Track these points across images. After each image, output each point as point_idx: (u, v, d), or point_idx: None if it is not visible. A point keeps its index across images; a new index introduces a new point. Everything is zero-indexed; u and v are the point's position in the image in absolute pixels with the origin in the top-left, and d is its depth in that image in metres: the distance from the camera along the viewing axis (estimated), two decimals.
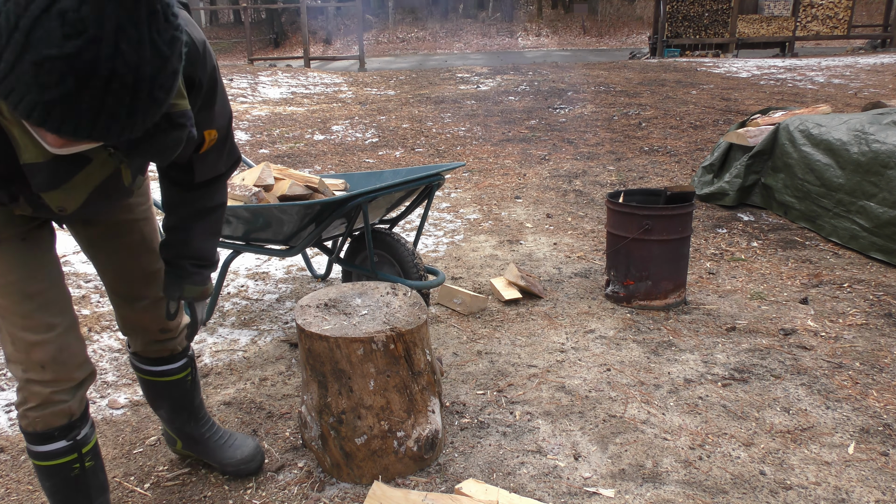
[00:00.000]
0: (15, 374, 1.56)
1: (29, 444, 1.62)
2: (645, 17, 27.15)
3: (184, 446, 2.14)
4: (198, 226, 1.74)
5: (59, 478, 1.65)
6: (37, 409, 1.56)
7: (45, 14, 0.86)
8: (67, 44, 0.87)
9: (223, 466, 2.11)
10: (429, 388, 2.14)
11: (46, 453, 1.62)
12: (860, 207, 3.99)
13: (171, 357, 1.95)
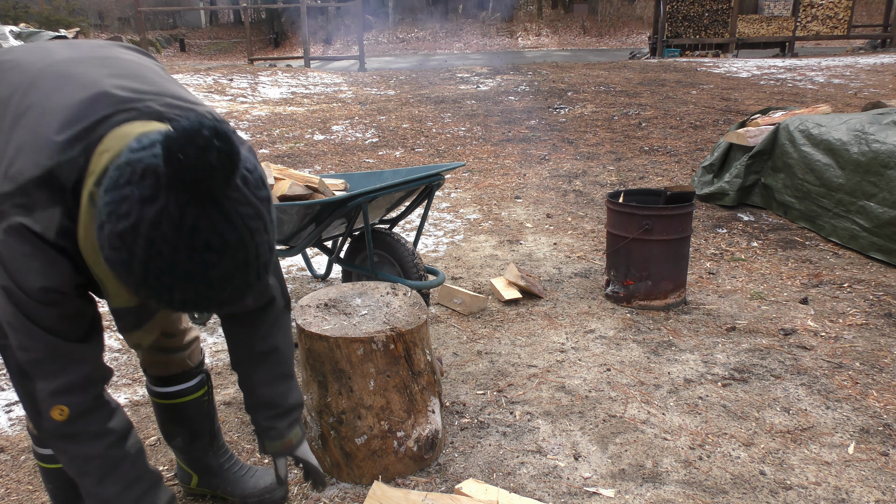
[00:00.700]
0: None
1: (34, 445, 1.61)
2: (645, 17, 27.15)
3: (200, 482, 2.00)
4: (257, 372, 1.63)
5: (63, 481, 1.64)
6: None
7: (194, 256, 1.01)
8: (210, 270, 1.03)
9: (245, 498, 1.97)
10: (429, 388, 2.15)
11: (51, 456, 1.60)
12: (860, 207, 3.99)
13: (185, 374, 1.85)
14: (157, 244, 0.99)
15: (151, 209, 0.98)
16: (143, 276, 1.03)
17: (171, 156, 0.94)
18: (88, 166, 1.14)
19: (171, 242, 0.99)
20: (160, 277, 1.02)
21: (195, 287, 1.04)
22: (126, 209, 0.99)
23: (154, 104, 1.23)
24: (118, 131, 1.16)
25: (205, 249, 1.01)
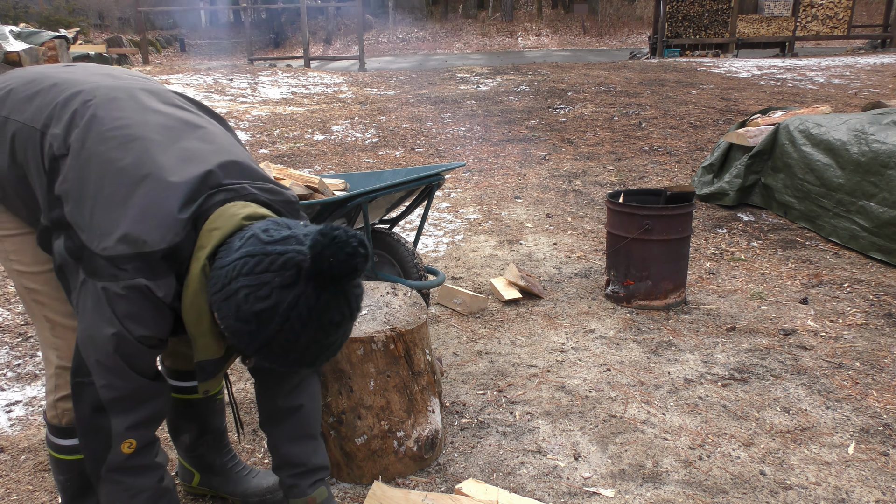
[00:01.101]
0: (48, 360, 1.56)
1: (51, 435, 1.63)
2: (645, 17, 27.15)
3: (202, 481, 2.02)
4: (282, 429, 1.66)
5: (74, 473, 1.66)
6: (66, 399, 1.56)
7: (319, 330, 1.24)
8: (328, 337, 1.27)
9: (246, 497, 1.98)
10: (429, 388, 2.14)
11: (66, 447, 1.62)
12: (860, 207, 3.99)
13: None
14: (292, 321, 1.21)
15: (290, 294, 1.19)
16: (266, 345, 1.24)
17: (322, 257, 1.16)
18: (197, 241, 1.31)
19: (304, 321, 1.21)
20: (284, 346, 1.24)
21: (309, 352, 1.27)
22: (266, 293, 1.20)
23: (249, 187, 1.41)
24: (223, 211, 1.32)
25: (328, 325, 1.24)
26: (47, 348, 1.57)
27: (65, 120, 1.39)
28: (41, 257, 1.51)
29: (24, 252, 1.51)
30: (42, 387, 2.69)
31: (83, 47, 14.19)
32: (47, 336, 1.56)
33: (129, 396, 1.33)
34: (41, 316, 1.55)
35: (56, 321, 1.55)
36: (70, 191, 1.34)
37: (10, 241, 1.52)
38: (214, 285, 1.27)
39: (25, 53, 8.11)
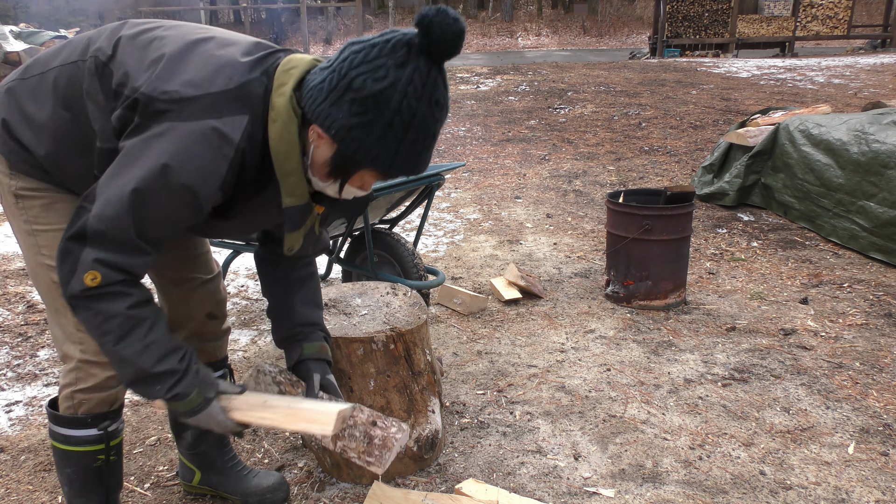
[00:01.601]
0: (68, 354, 1.56)
1: (58, 426, 1.62)
2: (645, 17, 27.15)
3: (202, 479, 2.01)
4: (296, 296, 1.73)
5: (82, 466, 1.65)
6: (88, 391, 1.57)
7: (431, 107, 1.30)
8: (436, 123, 1.33)
9: (246, 497, 1.97)
10: (429, 388, 2.14)
11: (76, 438, 1.62)
12: (860, 207, 3.99)
13: (211, 366, 1.87)
14: (409, 97, 1.27)
15: (404, 71, 1.26)
16: (382, 136, 1.29)
17: (432, 25, 1.23)
18: (273, 83, 1.35)
19: (419, 95, 1.27)
20: (399, 133, 1.29)
21: (421, 141, 1.32)
22: (383, 73, 1.25)
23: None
24: (291, 58, 1.39)
25: (436, 104, 1.30)
26: (68, 343, 1.55)
27: (104, 35, 1.44)
28: None
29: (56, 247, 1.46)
30: (42, 387, 2.69)
31: None
32: (71, 331, 1.54)
33: (111, 238, 1.30)
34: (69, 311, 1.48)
35: None
36: (129, 71, 1.36)
37: (44, 236, 1.52)
38: (316, 98, 1.30)
39: (25, 53, 8.11)
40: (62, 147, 1.46)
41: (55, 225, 1.52)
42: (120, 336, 1.36)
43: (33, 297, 3.44)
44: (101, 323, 1.35)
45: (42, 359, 2.89)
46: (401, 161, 1.33)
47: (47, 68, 1.46)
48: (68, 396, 1.59)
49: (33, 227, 1.53)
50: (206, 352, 1.87)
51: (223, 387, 1.51)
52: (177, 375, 1.41)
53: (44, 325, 3.17)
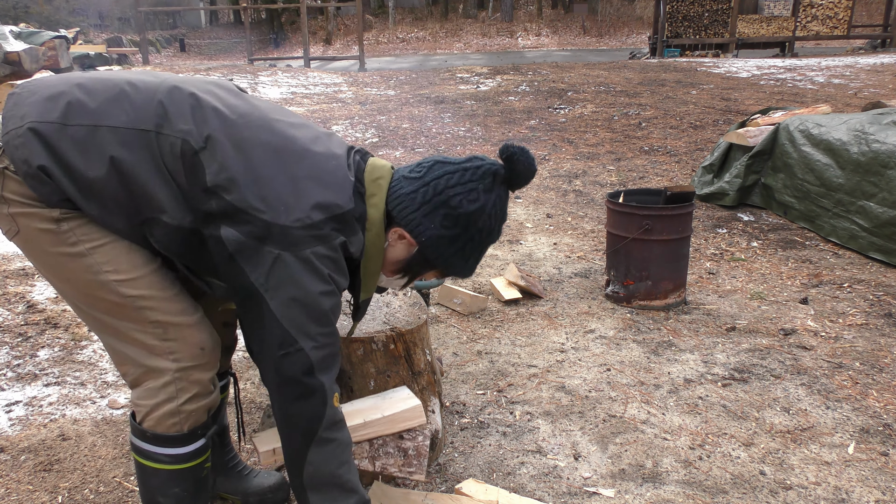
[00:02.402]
0: (157, 368, 1.46)
1: (166, 447, 1.51)
2: (645, 17, 27.16)
3: None
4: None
5: (192, 480, 1.58)
6: (195, 399, 1.50)
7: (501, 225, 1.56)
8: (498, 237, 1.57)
9: (247, 496, 1.95)
10: (429, 388, 2.14)
11: (186, 455, 1.54)
12: (860, 207, 3.99)
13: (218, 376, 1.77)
14: (492, 218, 1.51)
15: (491, 196, 1.49)
16: (463, 245, 1.51)
17: (518, 162, 1.48)
18: (366, 192, 1.50)
19: (498, 217, 1.52)
20: (474, 247, 1.53)
21: (482, 251, 1.56)
22: (475, 196, 1.48)
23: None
24: (373, 164, 1.56)
25: (503, 220, 1.56)
26: (154, 358, 1.46)
27: (187, 115, 1.38)
28: (137, 261, 1.44)
29: (119, 260, 1.43)
30: (42, 387, 2.69)
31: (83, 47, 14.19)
32: (153, 344, 1.45)
33: (332, 352, 1.45)
34: (147, 322, 1.44)
35: (169, 322, 1.45)
36: (235, 178, 1.36)
37: (101, 251, 1.42)
38: (408, 206, 1.48)
39: (25, 53, 8.10)
40: (108, 209, 1.39)
41: (106, 238, 1.42)
42: (351, 463, 1.53)
43: (33, 297, 3.44)
44: (343, 452, 1.50)
45: (42, 359, 2.89)
46: (468, 268, 1.58)
47: (101, 123, 1.37)
48: (173, 413, 1.48)
49: (85, 246, 1.41)
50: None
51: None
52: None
53: (44, 324, 3.17)
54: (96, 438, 2.35)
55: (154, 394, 1.47)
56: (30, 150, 1.34)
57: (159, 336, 1.45)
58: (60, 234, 1.39)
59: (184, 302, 1.50)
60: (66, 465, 2.20)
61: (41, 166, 1.34)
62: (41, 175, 1.35)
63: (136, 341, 1.45)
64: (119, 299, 1.42)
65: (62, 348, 2.98)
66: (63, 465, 2.20)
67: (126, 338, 1.46)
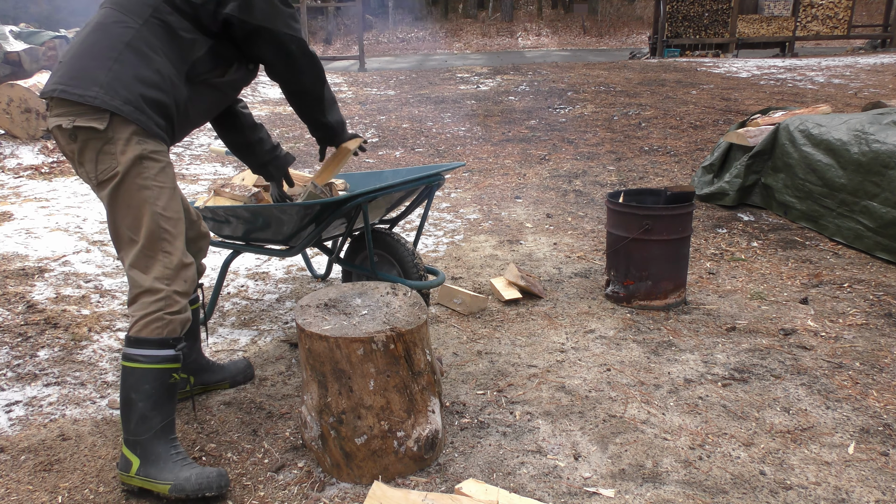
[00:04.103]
0: (154, 288, 1.96)
1: (140, 349, 1.95)
2: (645, 17, 27.15)
3: (196, 381, 2.53)
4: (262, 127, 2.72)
5: (160, 382, 1.98)
6: (175, 313, 1.99)
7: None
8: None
9: (234, 378, 2.64)
10: (429, 388, 2.14)
11: (159, 357, 1.97)
12: (863, 207, 3.99)
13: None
14: None
15: None
16: None
17: None
18: None
19: None
20: None
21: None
22: None
23: None
24: None
25: None
26: (156, 281, 1.96)
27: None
28: (175, 207, 2.03)
29: (169, 201, 2.01)
30: (42, 387, 2.69)
31: None
32: (160, 270, 1.98)
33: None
34: (161, 251, 1.98)
35: (176, 257, 2.00)
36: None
37: (160, 190, 2.00)
38: None
39: (25, 53, 8.10)
40: (171, 84, 2.01)
41: (168, 184, 2.01)
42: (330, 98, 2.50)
43: (33, 297, 3.44)
44: (322, 71, 2.35)
45: (42, 359, 2.89)
46: None
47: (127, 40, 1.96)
48: (158, 318, 1.95)
49: (153, 182, 1.97)
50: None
51: None
52: None
53: (44, 324, 3.17)
54: (96, 438, 2.35)
55: (149, 305, 1.96)
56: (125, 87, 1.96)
57: (165, 264, 1.98)
58: (142, 169, 1.95)
59: (186, 246, 2.11)
60: (66, 465, 2.20)
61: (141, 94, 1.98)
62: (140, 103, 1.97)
63: (150, 267, 1.97)
64: (157, 230, 1.97)
65: (62, 348, 2.98)
66: (63, 465, 2.20)
67: (145, 263, 1.97)
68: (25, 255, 3.98)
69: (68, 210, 4.94)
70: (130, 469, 1.98)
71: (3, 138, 6.90)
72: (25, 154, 6.64)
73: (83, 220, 4.69)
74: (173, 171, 2.07)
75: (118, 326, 3.22)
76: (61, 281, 3.66)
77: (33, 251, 4.05)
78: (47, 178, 6.05)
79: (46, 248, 4.10)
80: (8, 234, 4.36)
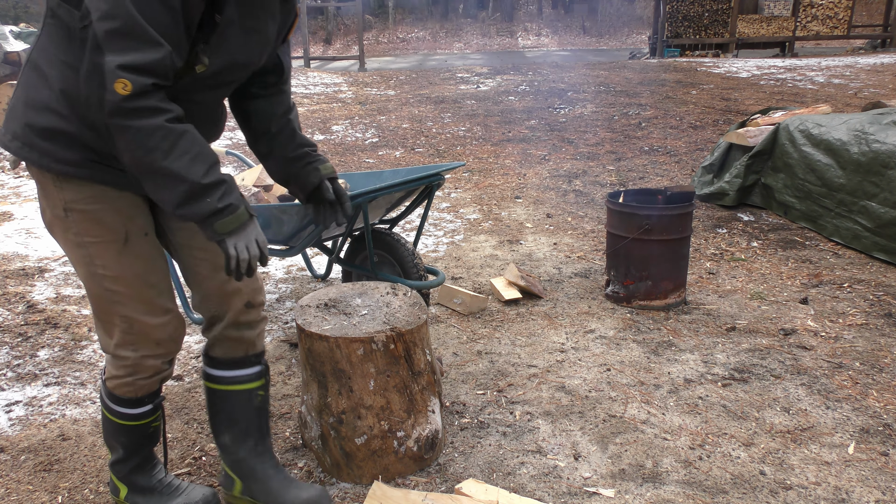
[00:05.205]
0: (120, 355, 1.69)
1: (119, 406, 1.76)
2: (645, 17, 27.15)
3: (243, 490, 1.92)
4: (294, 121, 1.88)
5: (138, 434, 1.82)
6: (148, 378, 1.73)
7: None
8: None
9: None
10: (429, 388, 2.14)
11: (135, 415, 1.78)
12: (862, 207, 3.99)
13: (245, 359, 1.86)
14: None
15: None
16: None
17: None
18: None
19: None
20: None
21: None
22: None
23: None
24: None
25: None
26: (120, 348, 1.69)
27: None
28: (124, 263, 1.63)
29: (109, 258, 1.62)
30: (42, 387, 2.69)
31: None
32: (120, 336, 1.68)
33: (121, 33, 1.33)
34: (118, 316, 1.66)
35: (136, 319, 1.66)
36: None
37: (95, 247, 1.62)
38: None
39: (25, 54, 8.11)
40: (73, 95, 1.48)
41: (106, 237, 1.61)
42: (167, 150, 1.39)
43: (33, 297, 3.45)
44: (146, 139, 1.37)
45: (42, 359, 2.89)
46: None
47: (28, 57, 1.56)
48: (129, 384, 1.72)
49: (84, 239, 1.60)
50: (244, 341, 1.85)
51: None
52: (225, 185, 1.46)
53: (44, 324, 3.17)
54: (96, 438, 2.35)
55: (118, 367, 1.72)
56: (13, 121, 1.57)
57: (125, 329, 1.67)
58: (70, 222, 1.60)
59: (158, 304, 1.69)
60: (66, 465, 2.20)
61: (24, 125, 1.53)
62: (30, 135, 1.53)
63: (111, 333, 1.69)
64: (103, 292, 1.64)
65: (62, 348, 2.98)
66: (63, 465, 2.20)
67: (106, 328, 1.70)
68: (25, 255, 3.98)
69: None
70: (119, 495, 1.89)
71: None
72: None
73: None
74: (121, 217, 1.61)
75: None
76: (61, 281, 3.66)
77: (33, 251, 4.05)
78: None
79: (46, 248, 4.10)
80: (8, 234, 4.36)
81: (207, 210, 1.44)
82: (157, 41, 1.36)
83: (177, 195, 1.43)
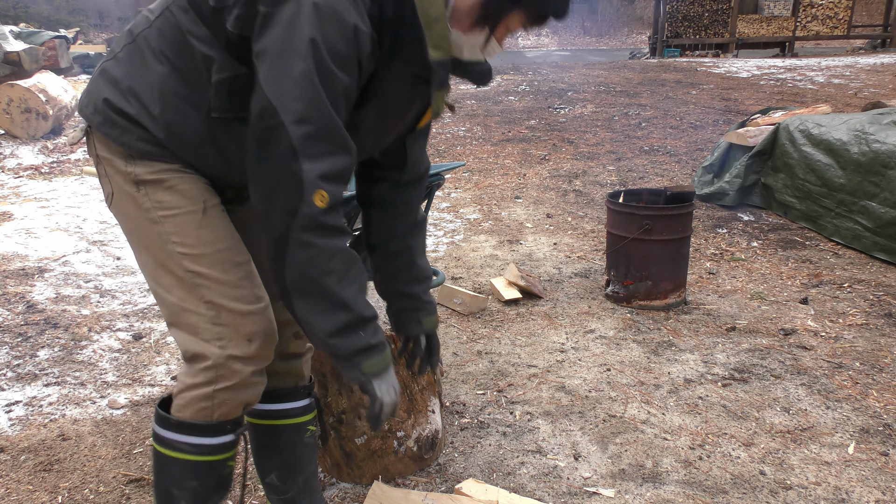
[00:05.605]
0: (200, 353, 1.39)
1: (189, 436, 1.42)
2: (645, 17, 27.15)
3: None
4: (417, 242, 1.61)
5: (212, 476, 1.48)
6: (232, 389, 1.40)
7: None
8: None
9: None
10: (429, 388, 2.14)
11: (210, 447, 1.44)
12: (862, 207, 3.99)
13: (295, 392, 1.70)
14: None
15: None
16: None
17: None
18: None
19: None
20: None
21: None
22: None
23: None
24: None
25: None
26: (201, 342, 1.39)
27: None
28: (206, 237, 1.40)
29: (187, 233, 1.39)
30: (42, 387, 2.69)
31: (83, 47, 14.19)
32: (205, 327, 1.39)
33: (321, 135, 1.21)
34: (202, 302, 1.39)
35: (223, 305, 1.38)
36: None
37: (172, 221, 1.38)
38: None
39: (25, 53, 8.10)
40: (170, 105, 1.35)
41: (184, 208, 1.39)
42: (342, 276, 1.26)
43: (33, 297, 3.44)
44: (327, 260, 1.25)
45: (42, 359, 2.89)
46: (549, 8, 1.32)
47: (136, 34, 1.38)
48: (207, 397, 1.39)
49: (158, 213, 1.38)
50: (291, 373, 1.70)
51: None
52: (375, 322, 1.33)
53: (44, 324, 3.17)
54: (96, 438, 2.35)
55: (194, 375, 1.40)
56: (97, 93, 1.39)
57: (211, 320, 1.39)
58: (140, 196, 1.38)
59: (247, 289, 1.42)
60: (66, 465, 2.20)
61: (105, 99, 1.36)
62: (108, 111, 1.36)
63: (191, 323, 1.40)
64: (182, 275, 1.39)
65: (62, 348, 2.98)
66: (63, 465, 2.20)
67: (183, 318, 1.40)
68: (25, 255, 3.98)
69: (68, 210, 4.94)
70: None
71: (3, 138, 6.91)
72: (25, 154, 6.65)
73: (83, 220, 4.69)
74: (197, 186, 1.42)
75: (118, 326, 3.22)
76: (61, 281, 3.67)
77: (33, 251, 4.05)
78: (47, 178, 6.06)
79: (46, 248, 4.10)
80: (8, 234, 4.36)
81: (360, 345, 1.31)
82: (350, 146, 1.25)
83: (334, 323, 1.28)
